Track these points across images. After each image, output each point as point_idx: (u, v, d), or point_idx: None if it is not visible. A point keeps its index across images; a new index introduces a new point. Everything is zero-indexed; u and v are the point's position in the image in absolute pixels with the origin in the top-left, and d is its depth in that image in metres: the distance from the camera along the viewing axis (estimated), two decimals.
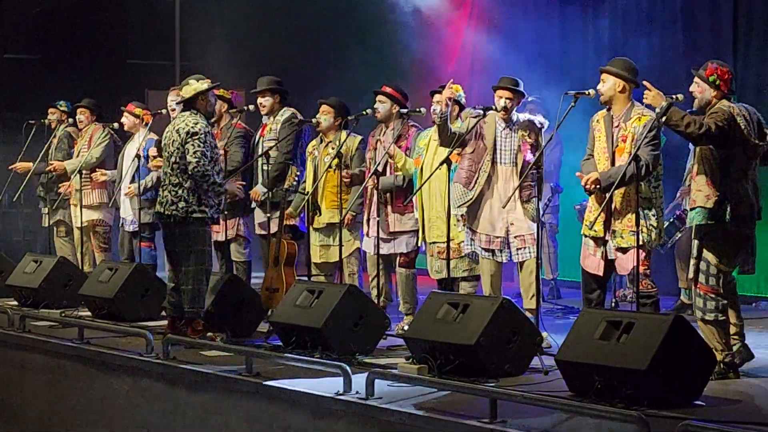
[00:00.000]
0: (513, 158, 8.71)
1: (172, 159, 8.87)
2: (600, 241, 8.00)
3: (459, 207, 8.79)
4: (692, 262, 7.44)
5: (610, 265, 8.03)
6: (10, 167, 12.66)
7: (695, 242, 7.42)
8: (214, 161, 8.91)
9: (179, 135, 8.84)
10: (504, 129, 8.76)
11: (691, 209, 7.45)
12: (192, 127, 8.80)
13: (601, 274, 8.05)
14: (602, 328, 6.72)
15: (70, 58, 15.97)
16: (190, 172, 8.75)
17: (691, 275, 7.46)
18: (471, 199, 8.74)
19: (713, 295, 7.30)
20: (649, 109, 7.80)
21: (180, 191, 8.81)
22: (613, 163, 7.95)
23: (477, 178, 8.75)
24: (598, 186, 7.82)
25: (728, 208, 7.28)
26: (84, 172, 12.03)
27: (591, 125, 8.21)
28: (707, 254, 7.34)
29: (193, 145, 8.75)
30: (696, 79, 7.49)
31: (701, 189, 7.35)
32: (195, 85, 8.95)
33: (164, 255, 9.21)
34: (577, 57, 13.09)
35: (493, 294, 8.65)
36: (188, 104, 8.98)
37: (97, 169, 12.09)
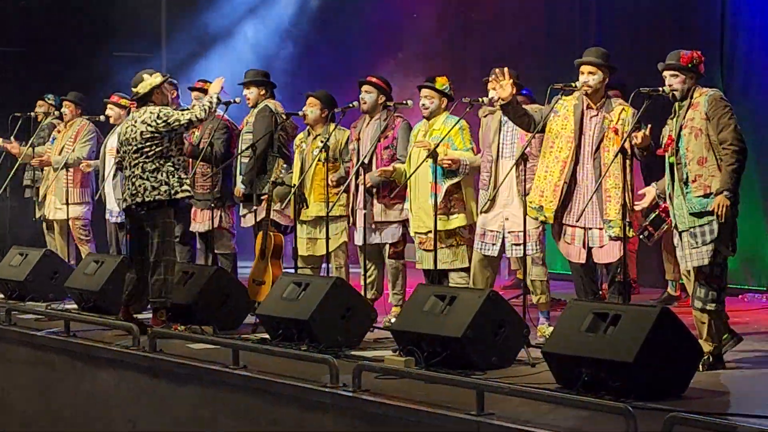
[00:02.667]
0: (512, 151, 8.65)
1: (145, 148, 8.97)
2: (576, 230, 8.05)
3: (483, 212, 8.76)
4: (696, 249, 7.33)
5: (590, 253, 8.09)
6: (2, 143, 12.68)
7: (706, 228, 7.26)
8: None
9: (147, 124, 8.98)
10: (505, 122, 8.70)
11: (704, 195, 7.27)
12: (159, 110, 9.01)
13: (584, 261, 8.08)
14: (589, 320, 6.72)
15: (55, 50, 15.91)
16: (198, 118, 9.04)
17: (692, 262, 7.36)
18: (488, 199, 8.68)
19: (716, 285, 7.29)
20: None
21: (160, 176, 8.94)
22: (579, 150, 8.06)
23: (491, 177, 8.70)
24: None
25: (737, 192, 7.28)
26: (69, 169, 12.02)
27: (552, 106, 8.21)
28: (722, 245, 7.27)
29: (174, 116, 8.98)
30: (671, 72, 7.42)
31: (714, 174, 7.26)
32: (150, 80, 9.11)
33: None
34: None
35: (476, 286, 8.63)
36: (145, 99, 9.12)
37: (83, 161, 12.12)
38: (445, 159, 8.83)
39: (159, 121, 8.94)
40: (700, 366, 6.95)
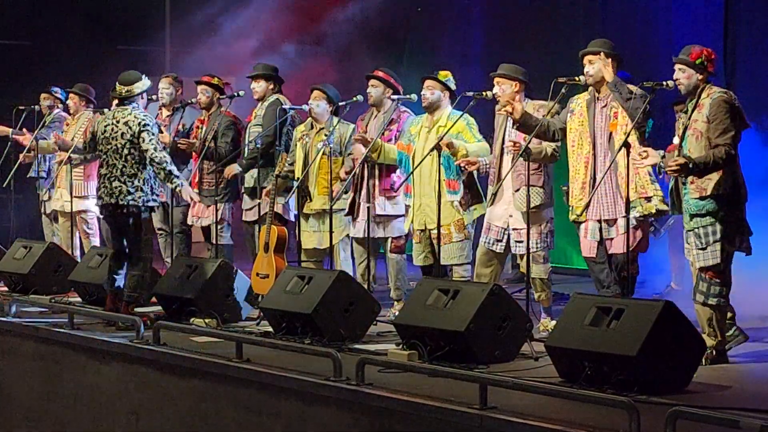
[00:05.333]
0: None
1: (125, 151, 9.19)
2: (590, 224, 8.04)
3: (487, 207, 8.77)
4: (702, 250, 7.31)
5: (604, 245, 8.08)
6: (12, 135, 12.68)
7: (709, 228, 7.26)
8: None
9: (129, 127, 9.19)
10: (509, 118, 8.67)
11: (700, 198, 7.30)
12: (143, 119, 9.20)
13: (594, 255, 8.06)
14: (592, 314, 6.73)
15: (60, 43, 15.92)
16: (149, 160, 9.12)
17: (699, 262, 7.33)
18: (492, 194, 8.68)
19: (719, 281, 7.28)
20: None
21: (137, 182, 9.18)
22: (594, 144, 8.01)
23: (496, 173, 8.70)
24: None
25: (739, 194, 7.28)
26: (74, 161, 12.01)
27: (568, 106, 8.21)
28: (724, 242, 7.25)
29: (148, 134, 9.14)
30: (679, 66, 7.43)
31: (711, 177, 7.26)
32: (144, 82, 9.38)
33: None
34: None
35: (479, 279, 8.62)
36: (131, 98, 9.33)
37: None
38: (464, 161, 8.82)
39: (139, 135, 9.14)
40: (703, 360, 6.95)
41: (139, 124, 9.13)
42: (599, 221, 8.07)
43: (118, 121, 9.23)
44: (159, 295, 9.72)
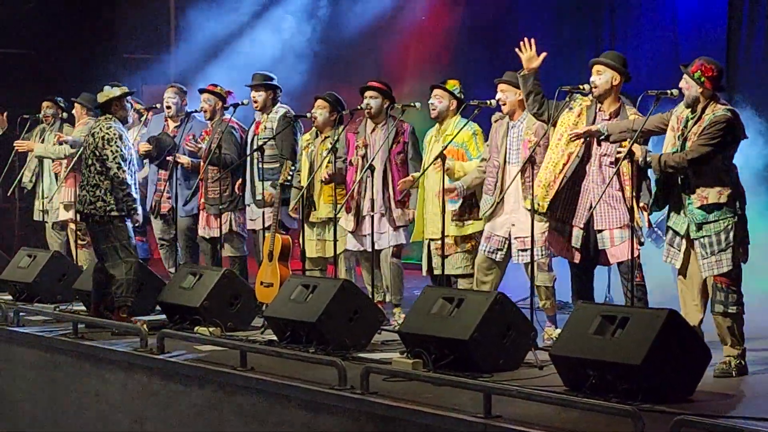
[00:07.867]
0: (518, 157, 8.59)
1: (89, 161, 9.39)
2: (575, 230, 8.04)
3: (488, 216, 8.70)
4: (711, 258, 7.30)
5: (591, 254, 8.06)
6: (15, 143, 12.67)
7: (721, 236, 7.25)
8: (128, 162, 9.40)
9: (93, 137, 9.36)
10: (512, 127, 8.70)
11: (701, 207, 7.29)
12: (106, 132, 9.31)
13: (576, 261, 8.07)
14: (597, 322, 6.72)
15: (64, 52, 15.94)
16: (110, 177, 9.25)
17: (713, 272, 7.34)
18: (494, 203, 8.64)
19: (735, 288, 7.29)
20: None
21: (98, 192, 9.32)
22: (587, 150, 8.00)
23: (497, 182, 8.65)
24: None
25: (739, 202, 7.30)
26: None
27: (569, 103, 8.18)
28: (736, 250, 7.26)
29: (111, 151, 9.26)
30: (684, 75, 7.46)
31: (712, 186, 7.27)
32: (108, 92, 9.50)
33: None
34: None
35: (479, 288, 8.60)
36: (104, 109, 9.49)
37: None
38: (447, 189, 8.83)
39: (102, 148, 9.25)
40: (733, 371, 7.12)
41: (102, 138, 9.27)
42: (582, 228, 8.05)
43: (90, 132, 9.46)
44: (163, 303, 9.72)
